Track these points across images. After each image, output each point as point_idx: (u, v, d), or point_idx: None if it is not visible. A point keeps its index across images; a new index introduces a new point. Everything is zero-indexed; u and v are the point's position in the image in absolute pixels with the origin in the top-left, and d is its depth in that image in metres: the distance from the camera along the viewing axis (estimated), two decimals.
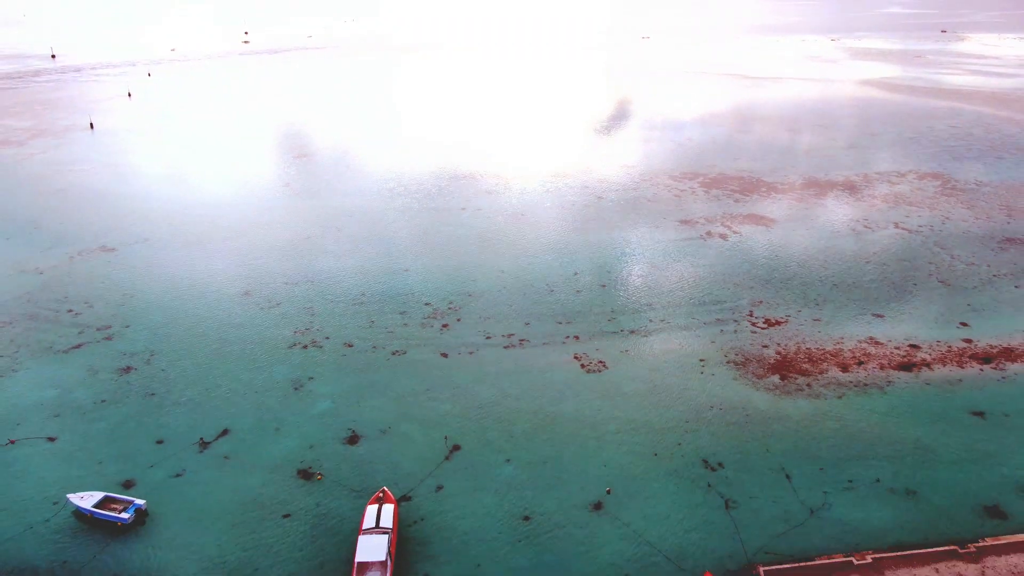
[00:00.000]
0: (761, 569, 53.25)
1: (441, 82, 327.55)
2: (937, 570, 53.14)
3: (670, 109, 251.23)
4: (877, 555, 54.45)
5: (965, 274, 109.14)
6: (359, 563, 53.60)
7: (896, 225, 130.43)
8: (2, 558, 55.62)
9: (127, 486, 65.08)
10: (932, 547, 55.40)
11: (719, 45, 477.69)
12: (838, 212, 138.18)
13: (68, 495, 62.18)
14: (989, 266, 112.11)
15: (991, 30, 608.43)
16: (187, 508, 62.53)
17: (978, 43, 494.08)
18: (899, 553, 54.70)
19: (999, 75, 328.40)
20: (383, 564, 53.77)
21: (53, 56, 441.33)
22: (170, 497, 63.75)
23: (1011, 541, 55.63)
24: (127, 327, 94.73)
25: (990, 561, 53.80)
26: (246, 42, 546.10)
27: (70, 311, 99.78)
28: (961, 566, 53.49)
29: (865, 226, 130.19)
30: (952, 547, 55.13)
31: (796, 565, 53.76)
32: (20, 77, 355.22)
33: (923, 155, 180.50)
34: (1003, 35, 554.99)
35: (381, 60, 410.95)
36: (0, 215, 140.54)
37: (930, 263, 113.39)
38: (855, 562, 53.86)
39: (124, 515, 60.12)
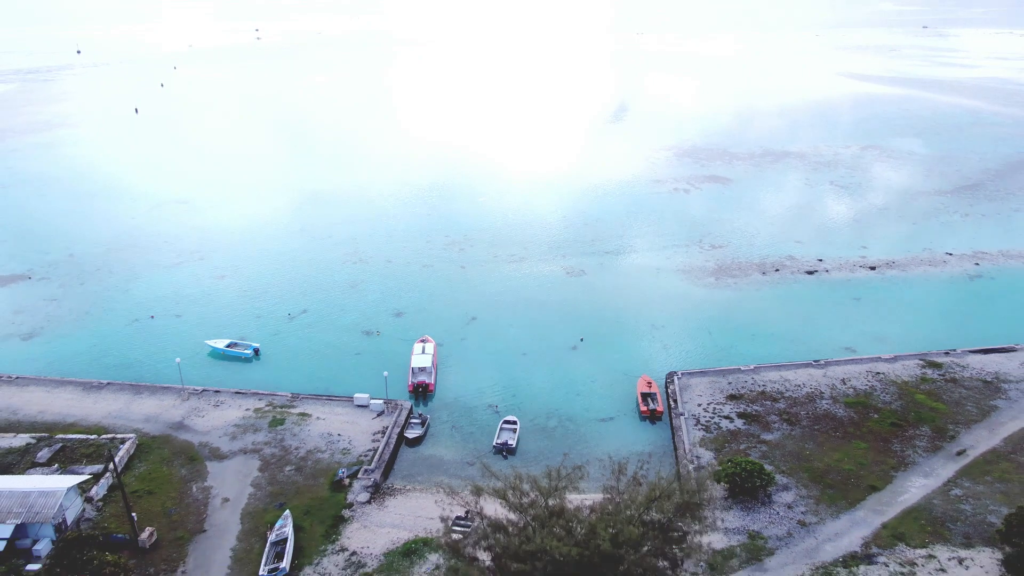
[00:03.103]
0: (679, 371, 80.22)
1: (448, 75, 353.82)
2: (796, 372, 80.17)
3: (653, 93, 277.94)
4: (758, 365, 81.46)
5: (877, 214, 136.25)
6: (413, 368, 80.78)
7: (831, 183, 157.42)
8: (170, 379, 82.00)
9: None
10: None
11: (707, 40, 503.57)
12: (785, 174, 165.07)
13: (205, 340, 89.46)
14: (898, 210, 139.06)
15: (971, 25, 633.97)
16: (287, 350, 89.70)
17: (955, 38, 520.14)
18: (772, 364, 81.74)
19: (963, 67, 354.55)
20: (428, 371, 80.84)
21: (79, 52, 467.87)
22: (273, 344, 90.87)
23: (848, 359, 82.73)
24: (214, 252, 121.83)
25: (831, 368, 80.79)
26: (258, 38, 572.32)
27: (165, 242, 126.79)
28: (812, 371, 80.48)
29: (805, 183, 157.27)
30: (810, 362, 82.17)
31: (700, 370, 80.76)
32: (51, 71, 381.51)
33: (869, 131, 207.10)
34: (980, 30, 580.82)
35: (388, 55, 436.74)
36: (79, 179, 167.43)
37: (851, 208, 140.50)
38: (742, 368, 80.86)
39: (247, 351, 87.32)
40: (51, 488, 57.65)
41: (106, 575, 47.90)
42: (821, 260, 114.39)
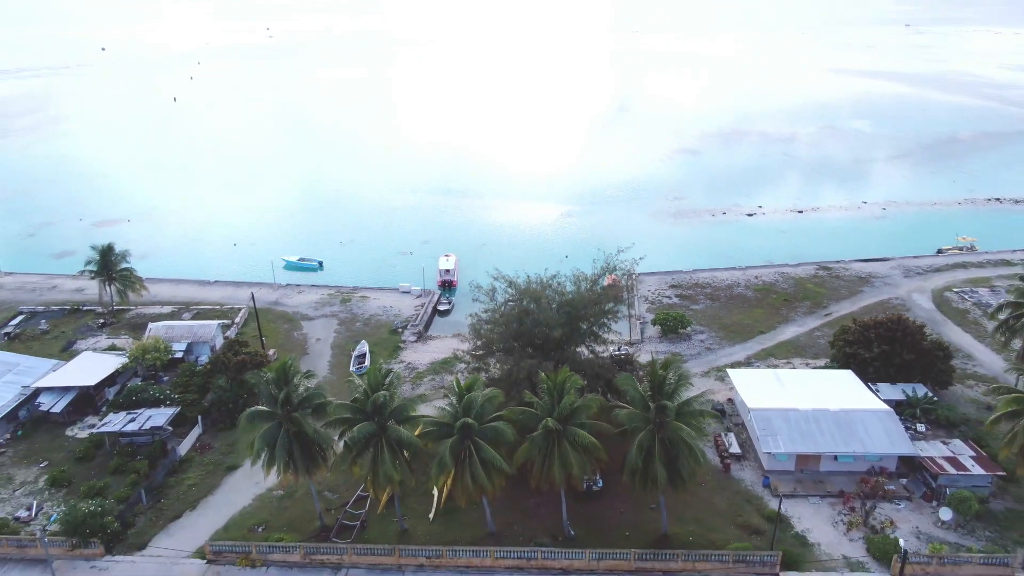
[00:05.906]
0: (636, 272, 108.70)
1: (451, 73, 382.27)
2: (723, 273, 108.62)
3: (643, 86, 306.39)
4: (696, 269, 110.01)
5: (815, 176, 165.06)
6: (440, 270, 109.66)
7: (783, 153, 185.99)
8: (255, 281, 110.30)
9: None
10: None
11: (702, 39, 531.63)
12: (747, 147, 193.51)
13: (281, 256, 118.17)
14: (833, 173, 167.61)
15: (956, 24, 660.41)
16: (344, 263, 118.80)
17: (933, 35, 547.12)
18: (707, 268, 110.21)
19: (929, 61, 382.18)
20: (452, 272, 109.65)
21: (103, 49, 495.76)
22: (332, 260, 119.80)
23: (763, 265, 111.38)
24: (269, 202, 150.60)
25: (749, 271, 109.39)
26: (270, 36, 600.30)
27: (227, 196, 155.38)
28: (735, 272, 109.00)
29: (762, 154, 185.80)
30: (734, 267, 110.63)
31: (652, 272, 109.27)
32: (80, 66, 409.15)
33: (831, 115, 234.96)
34: (961, 28, 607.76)
35: (391, 54, 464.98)
36: (140, 152, 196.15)
37: (795, 171, 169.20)
38: (683, 270, 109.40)
39: (314, 263, 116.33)
40: (207, 323, 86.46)
41: (259, 356, 76.24)
42: (760, 207, 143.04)
